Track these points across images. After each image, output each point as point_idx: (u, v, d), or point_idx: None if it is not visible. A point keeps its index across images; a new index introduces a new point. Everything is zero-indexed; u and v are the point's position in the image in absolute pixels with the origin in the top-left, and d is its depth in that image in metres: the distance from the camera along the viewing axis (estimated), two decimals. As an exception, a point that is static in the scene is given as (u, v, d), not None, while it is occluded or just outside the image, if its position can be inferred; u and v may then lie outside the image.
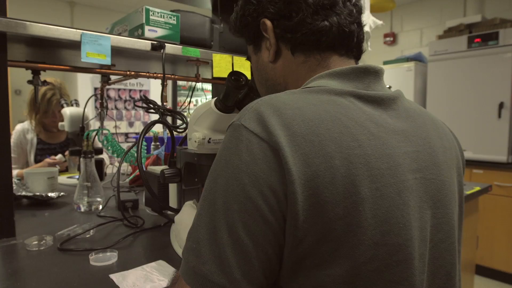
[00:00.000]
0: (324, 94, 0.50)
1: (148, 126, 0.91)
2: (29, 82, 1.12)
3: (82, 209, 1.19)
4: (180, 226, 0.75)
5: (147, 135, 1.84)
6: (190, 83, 4.81)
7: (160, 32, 1.13)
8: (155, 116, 1.01)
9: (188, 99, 1.59)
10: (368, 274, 0.44)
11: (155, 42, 1.11)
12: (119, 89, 3.40)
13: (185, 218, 0.76)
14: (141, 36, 1.11)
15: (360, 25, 0.61)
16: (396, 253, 0.45)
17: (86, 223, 1.03)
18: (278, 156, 0.43)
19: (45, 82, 1.15)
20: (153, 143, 1.63)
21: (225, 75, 1.33)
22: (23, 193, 1.26)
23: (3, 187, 0.90)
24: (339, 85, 0.53)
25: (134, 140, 3.47)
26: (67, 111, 1.74)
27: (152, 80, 4.01)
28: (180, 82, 3.95)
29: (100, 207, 1.22)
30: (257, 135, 0.44)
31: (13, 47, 1.04)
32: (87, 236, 0.95)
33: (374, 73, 0.55)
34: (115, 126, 3.07)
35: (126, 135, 3.58)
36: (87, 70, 1.18)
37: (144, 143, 1.61)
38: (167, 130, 1.04)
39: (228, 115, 0.79)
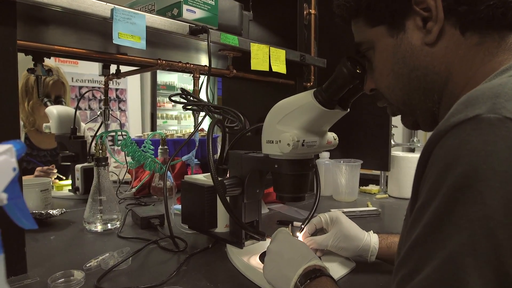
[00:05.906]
0: None
1: (212, 128, 0.72)
2: (30, 70, 0.89)
3: (99, 229, 0.96)
4: (281, 260, 0.58)
5: (153, 137, 1.61)
6: (170, 82, 4.54)
7: (198, 13, 0.94)
8: (134, 119, 0.83)
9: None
10: None
11: (194, 25, 0.92)
12: (93, 87, 3.05)
13: (286, 249, 0.59)
14: (177, 18, 0.91)
15: None
16: None
17: (114, 248, 0.81)
18: None
19: (50, 72, 0.92)
20: (160, 147, 1.41)
21: (262, 67, 1.16)
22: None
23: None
24: None
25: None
26: (53, 110, 1.47)
27: (128, 77, 3.70)
28: (159, 81, 3.68)
29: (117, 224, 1.00)
30: None
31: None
32: (124, 267, 0.74)
33: None
34: (120, 128, 2.75)
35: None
36: (103, 55, 0.96)
37: (151, 146, 1.39)
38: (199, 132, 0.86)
39: (329, 112, 0.63)
